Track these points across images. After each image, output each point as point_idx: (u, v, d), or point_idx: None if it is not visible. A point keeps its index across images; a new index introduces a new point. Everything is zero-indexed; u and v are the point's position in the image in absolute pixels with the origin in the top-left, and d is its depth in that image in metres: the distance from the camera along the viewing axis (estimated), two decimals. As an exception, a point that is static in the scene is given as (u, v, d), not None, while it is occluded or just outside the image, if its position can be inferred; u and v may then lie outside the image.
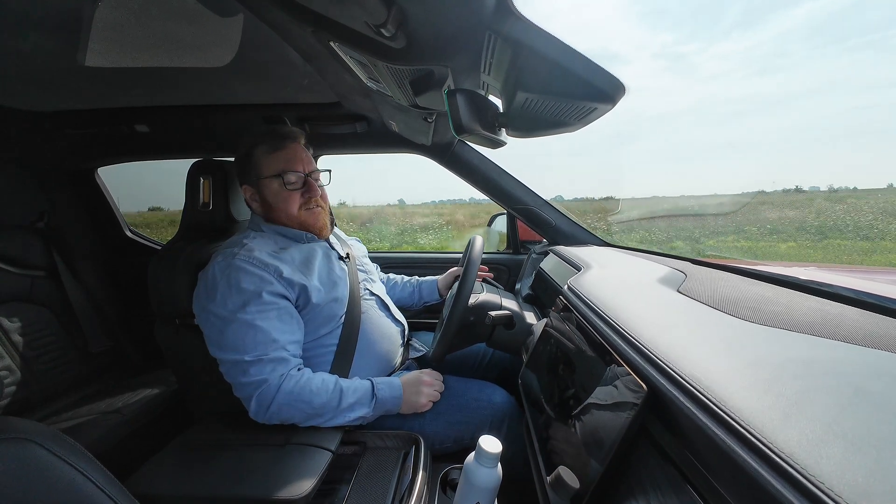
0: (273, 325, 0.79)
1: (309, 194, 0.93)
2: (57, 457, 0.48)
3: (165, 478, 0.71)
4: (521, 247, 1.64)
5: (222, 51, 0.93)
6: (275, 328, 0.79)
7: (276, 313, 0.80)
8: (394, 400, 0.84)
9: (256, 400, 0.76)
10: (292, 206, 0.92)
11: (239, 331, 0.77)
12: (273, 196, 0.91)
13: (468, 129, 0.57)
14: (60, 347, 1.36)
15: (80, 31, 0.84)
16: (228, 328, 0.77)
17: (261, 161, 0.91)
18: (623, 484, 0.41)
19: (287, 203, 0.92)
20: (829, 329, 0.45)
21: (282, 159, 0.91)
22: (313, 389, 0.78)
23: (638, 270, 0.90)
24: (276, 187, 0.91)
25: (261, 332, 0.77)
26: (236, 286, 0.78)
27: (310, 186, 0.94)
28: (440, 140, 1.31)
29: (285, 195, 0.91)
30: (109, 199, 1.75)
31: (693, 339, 0.46)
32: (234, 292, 0.78)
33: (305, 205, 0.93)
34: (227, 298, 0.78)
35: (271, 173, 0.90)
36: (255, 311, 0.78)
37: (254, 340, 0.77)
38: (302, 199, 0.93)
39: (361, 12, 0.42)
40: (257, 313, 0.78)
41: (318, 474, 0.70)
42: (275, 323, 0.79)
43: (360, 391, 0.82)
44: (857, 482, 0.23)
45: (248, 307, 0.77)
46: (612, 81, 0.48)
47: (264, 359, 0.77)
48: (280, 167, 0.90)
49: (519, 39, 0.45)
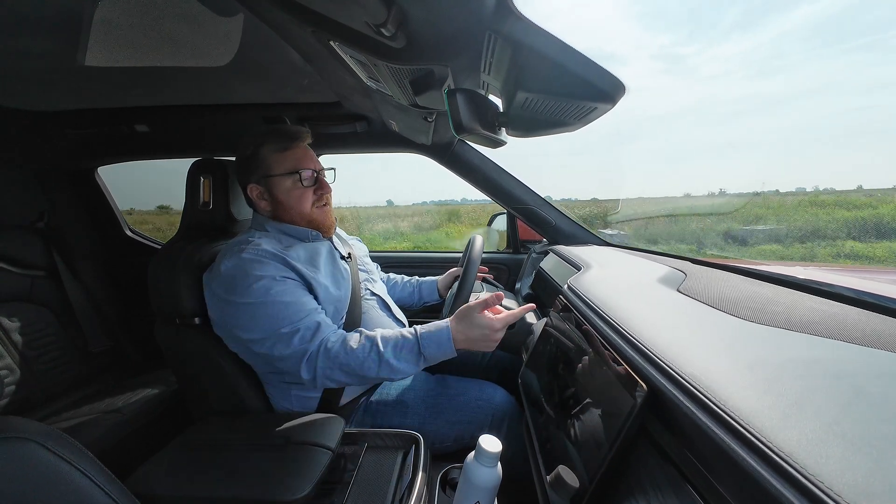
0: (298, 297, 0.80)
1: (321, 191, 0.95)
2: (57, 456, 0.48)
3: (165, 477, 0.71)
4: (521, 246, 1.64)
5: (222, 51, 0.93)
6: (300, 300, 0.80)
7: (298, 288, 0.82)
8: (442, 353, 0.77)
9: (305, 368, 0.77)
10: (305, 204, 0.93)
11: (270, 309, 0.78)
12: (285, 194, 0.91)
13: (468, 129, 0.57)
14: (60, 347, 1.36)
15: (80, 31, 0.84)
16: (259, 311, 0.78)
17: (270, 159, 0.90)
18: (623, 484, 0.41)
19: (300, 200, 0.92)
20: (829, 329, 0.45)
21: (294, 157, 0.91)
22: (355, 359, 0.76)
23: (638, 270, 0.90)
24: (289, 185, 0.91)
25: (290, 305, 0.78)
26: (253, 274, 0.79)
27: (322, 184, 0.95)
28: (440, 140, 1.31)
29: (299, 192, 0.92)
30: (109, 199, 1.75)
31: (693, 338, 0.46)
32: (253, 280, 0.78)
33: (318, 202, 0.94)
34: (248, 286, 0.78)
35: (284, 171, 0.90)
36: (278, 290, 0.79)
37: (286, 313, 0.78)
38: (314, 197, 0.94)
39: (361, 12, 0.42)
40: (281, 292, 0.79)
41: (317, 474, 0.70)
42: (299, 296, 0.81)
43: (404, 351, 0.77)
44: (857, 482, 0.23)
45: (270, 290, 0.78)
46: (611, 81, 0.48)
47: (300, 327, 0.78)
48: (293, 165, 0.91)
49: (519, 39, 0.45)
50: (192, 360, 0.92)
